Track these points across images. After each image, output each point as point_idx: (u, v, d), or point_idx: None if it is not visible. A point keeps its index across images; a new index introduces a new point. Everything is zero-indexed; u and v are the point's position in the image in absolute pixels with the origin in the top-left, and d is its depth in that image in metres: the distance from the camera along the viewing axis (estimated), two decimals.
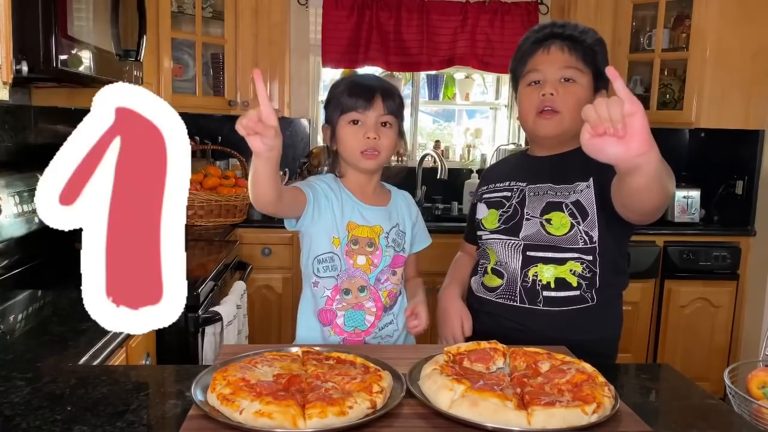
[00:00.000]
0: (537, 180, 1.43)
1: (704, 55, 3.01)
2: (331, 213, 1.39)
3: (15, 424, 0.90)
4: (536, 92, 1.38)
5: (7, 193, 1.87)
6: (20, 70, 1.51)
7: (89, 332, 1.36)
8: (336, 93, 1.41)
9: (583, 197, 1.36)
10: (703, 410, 1.04)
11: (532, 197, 1.41)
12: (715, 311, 3.11)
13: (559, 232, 1.36)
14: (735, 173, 3.25)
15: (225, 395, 0.88)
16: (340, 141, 1.41)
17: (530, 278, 1.37)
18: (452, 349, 1.09)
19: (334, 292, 1.41)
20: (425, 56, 3.47)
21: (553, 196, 1.38)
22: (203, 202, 2.83)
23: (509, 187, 1.46)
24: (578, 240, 1.35)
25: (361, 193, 1.45)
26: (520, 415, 0.87)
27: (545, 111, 1.36)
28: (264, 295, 2.98)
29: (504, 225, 1.43)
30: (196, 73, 3.13)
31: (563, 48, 1.37)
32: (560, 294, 1.36)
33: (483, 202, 1.50)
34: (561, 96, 1.35)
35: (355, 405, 0.87)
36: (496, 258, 1.43)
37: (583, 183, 1.37)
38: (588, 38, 1.38)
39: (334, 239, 1.39)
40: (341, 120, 1.39)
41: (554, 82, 1.37)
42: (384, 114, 1.38)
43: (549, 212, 1.37)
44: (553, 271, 1.36)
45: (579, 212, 1.35)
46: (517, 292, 1.39)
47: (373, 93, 1.37)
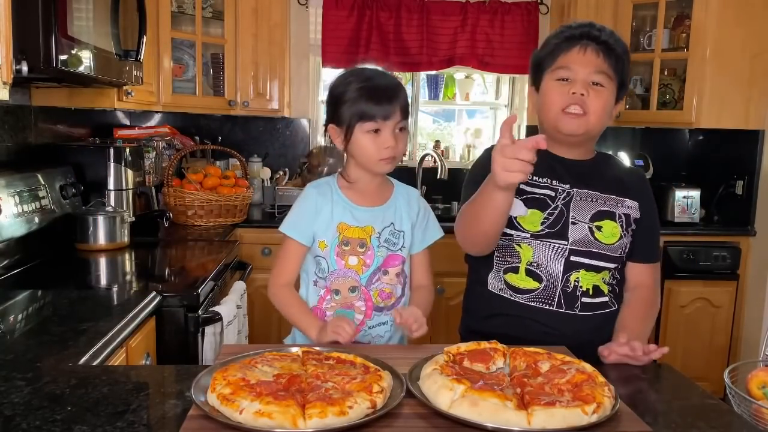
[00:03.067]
0: (582, 185, 1.42)
1: (704, 55, 3.01)
2: (322, 219, 1.41)
3: (15, 424, 0.90)
4: (565, 88, 1.36)
5: (7, 193, 1.87)
6: (20, 70, 1.51)
7: (89, 332, 1.36)
8: (350, 95, 1.35)
9: (631, 212, 1.43)
10: (703, 410, 1.04)
11: (578, 201, 1.41)
12: (715, 311, 3.11)
13: (608, 240, 1.39)
14: (735, 173, 3.25)
15: (225, 395, 0.88)
16: (357, 146, 1.37)
17: (572, 283, 1.38)
18: (452, 349, 1.09)
19: (326, 293, 1.43)
20: (425, 56, 3.47)
21: (603, 204, 1.41)
22: (203, 202, 2.83)
23: (552, 186, 1.42)
24: (620, 250, 1.40)
25: (359, 193, 1.44)
26: (520, 415, 0.87)
27: (573, 109, 1.36)
28: (264, 295, 2.95)
29: (549, 229, 1.39)
30: (196, 73, 3.13)
31: (598, 52, 1.36)
32: (595, 300, 1.40)
33: (518, 197, 1.40)
34: (591, 98, 1.35)
35: (355, 405, 0.87)
36: (531, 258, 1.39)
37: (632, 201, 1.44)
38: (619, 47, 1.38)
39: (320, 243, 1.41)
40: (359, 127, 1.35)
41: (585, 83, 1.36)
42: (400, 120, 1.37)
43: (600, 219, 1.40)
44: (591, 278, 1.39)
45: (627, 225, 1.42)
46: (556, 296, 1.38)
47: (392, 100, 1.34)
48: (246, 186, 3.03)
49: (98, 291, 1.91)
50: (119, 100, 2.42)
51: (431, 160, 3.53)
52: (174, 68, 3.03)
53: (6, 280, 1.81)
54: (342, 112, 1.36)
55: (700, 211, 3.24)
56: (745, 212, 3.18)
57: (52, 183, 2.16)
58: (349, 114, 1.35)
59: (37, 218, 2.02)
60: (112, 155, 2.42)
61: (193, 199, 2.82)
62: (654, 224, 1.48)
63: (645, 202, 1.46)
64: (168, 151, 3.07)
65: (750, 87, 3.03)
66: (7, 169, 1.98)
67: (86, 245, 2.23)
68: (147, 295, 1.66)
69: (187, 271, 2.20)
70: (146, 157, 2.71)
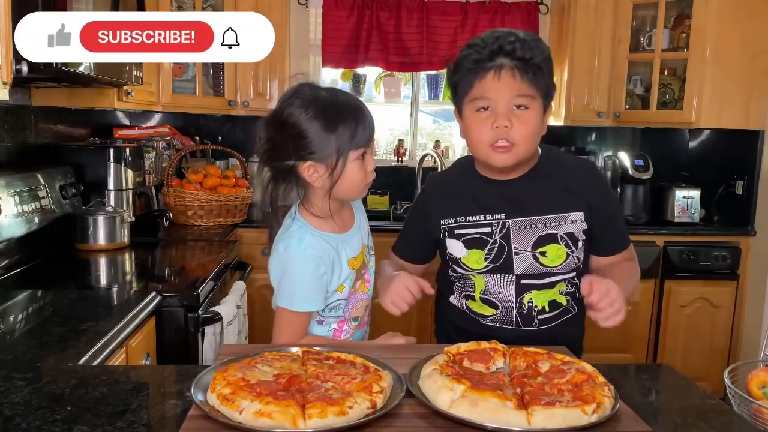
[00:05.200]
0: (518, 212, 1.35)
1: (704, 55, 3.01)
2: (334, 275, 1.31)
3: (15, 424, 0.90)
4: (487, 122, 1.27)
5: (7, 193, 1.87)
6: (20, 70, 1.51)
7: (89, 332, 1.36)
8: (342, 126, 1.22)
9: (575, 228, 1.36)
10: (703, 410, 1.03)
11: (518, 231, 1.35)
12: (715, 311, 3.11)
13: (554, 263, 1.35)
14: (735, 173, 3.25)
15: (225, 395, 0.88)
16: (347, 176, 1.25)
17: (525, 305, 1.38)
18: (452, 349, 1.09)
19: (341, 324, 1.38)
20: (425, 56, 3.47)
21: (543, 228, 1.34)
22: (203, 202, 2.83)
23: (486, 222, 1.36)
24: (572, 266, 1.37)
25: (338, 222, 1.34)
26: (520, 415, 0.87)
27: (500, 143, 1.27)
28: (264, 295, 2.97)
29: (493, 264, 1.36)
30: (196, 73, 3.13)
31: (514, 74, 1.24)
32: (552, 314, 1.40)
33: (457, 240, 1.39)
34: (515, 127, 1.26)
35: (355, 405, 0.87)
36: (483, 287, 1.39)
37: (577, 213, 1.35)
38: (537, 55, 1.25)
39: (338, 288, 1.32)
40: (350, 156, 1.24)
41: (507, 111, 1.25)
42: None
43: (543, 245, 1.34)
44: (546, 296, 1.38)
45: (572, 242, 1.36)
46: (513, 318, 1.39)
47: (369, 117, 1.27)
48: (246, 186, 3.03)
49: (98, 291, 1.92)
50: (119, 100, 2.42)
51: (431, 160, 3.53)
52: (174, 68, 3.02)
53: (6, 280, 1.81)
54: (323, 146, 1.22)
55: (700, 211, 3.25)
56: (745, 212, 3.18)
57: (52, 183, 2.16)
58: (336, 146, 1.22)
59: (37, 218, 2.02)
60: (112, 155, 2.42)
61: (193, 199, 2.82)
62: (612, 215, 1.42)
63: (595, 200, 1.37)
64: (168, 151, 3.07)
65: (750, 87, 3.03)
66: (7, 169, 1.98)
67: (86, 245, 2.23)
68: (147, 295, 1.66)
69: (187, 271, 2.21)
70: (146, 157, 2.71)
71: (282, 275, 1.29)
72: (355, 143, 1.23)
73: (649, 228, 3.17)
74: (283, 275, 1.29)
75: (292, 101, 1.24)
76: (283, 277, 1.29)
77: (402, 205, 3.59)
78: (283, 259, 1.28)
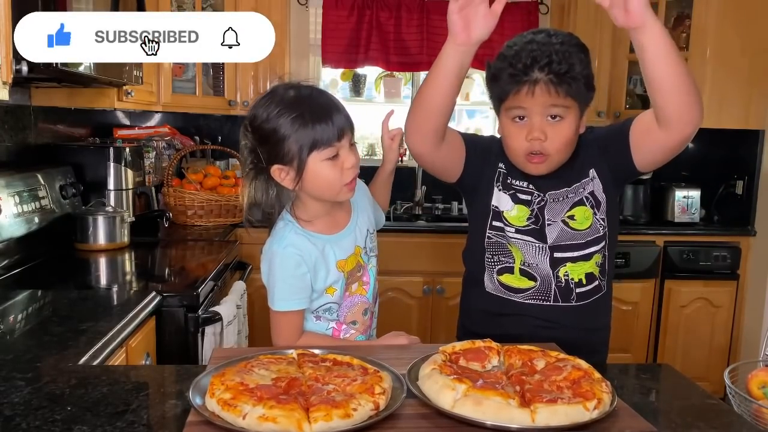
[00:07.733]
0: (552, 187, 1.38)
1: (704, 55, 3.01)
2: (319, 274, 1.29)
3: (15, 424, 0.90)
4: (522, 132, 1.29)
5: (7, 193, 1.87)
6: (20, 70, 1.51)
7: (89, 332, 1.36)
8: (290, 125, 1.19)
9: (595, 187, 1.39)
10: (703, 410, 1.03)
11: (552, 203, 1.39)
12: (715, 311, 3.11)
13: (582, 225, 1.38)
14: (735, 173, 3.25)
15: (225, 400, 0.87)
16: (316, 179, 1.22)
17: (562, 278, 1.39)
18: (447, 348, 1.10)
19: (339, 325, 1.36)
20: (425, 56, 3.46)
21: (574, 196, 1.39)
22: (203, 202, 2.83)
23: (529, 190, 1.39)
24: (599, 228, 1.38)
25: (329, 223, 1.32)
26: (524, 412, 0.87)
27: (535, 155, 1.30)
28: (264, 296, 2.96)
29: (533, 225, 1.38)
30: (196, 73, 3.13)
31: (549, 88, 1.24)
32: (589, 288, 1.40)
33: (505, 192, 1.40)
34: (549, 138, 1.28)
35: (359, 407, 0.86)
36: (522, 258, 1.40)
37: (591, 171, 1.39)
38: (574, 65, 1.24)
39: (327, 290, 1.30)
40: (314, 157, 1.20)
41: (541, 122, 1.28)
42: (351, 135, 1.25)
43: (571, 209, 1.38)
44: (581, 268, 1.39)
45: (596, 204, 1.39)
46: (551, 292, 1.40)
47: (339, 115, 1.22)
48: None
49: (98, 291, 1.92)
50: (119, 100, 2.42)
51: None
52: (174, 68, 3.02)
53: (6, 280, 1.81)
54: (286, 148, 1.19)
55: (700, 211, 3.25)
56: (745, 212, 3.18)
57: (52, 183, 2.16)
58: (296, 147, 1.19)
59: (37, 218, 2.02)
60: (112, 155, 2.43)
61: (193, 199, 2.82)
62: (611, 128, 1.43)
63: (599, 148, 1.38)
64: (168, 151, 3.07)
65: (750, 87, 3.03)
66: (7, 169, 1.98)
67: (86, 245, 2.23)
68: (147, 295, 1.66)
69: (187, 271, 2.20)
70: (146, 157, 2.71)
71: (268, 274, 1.31)
72: (317, 143, 1.19)
73: (649, 228, 3.17)
74: (269, 274, 1.30)
75: (261, 104, 1.23)
76: (269, 276, 1.31)
77: (402, 205, 3.59)
78: (268, 258, 1.29)
